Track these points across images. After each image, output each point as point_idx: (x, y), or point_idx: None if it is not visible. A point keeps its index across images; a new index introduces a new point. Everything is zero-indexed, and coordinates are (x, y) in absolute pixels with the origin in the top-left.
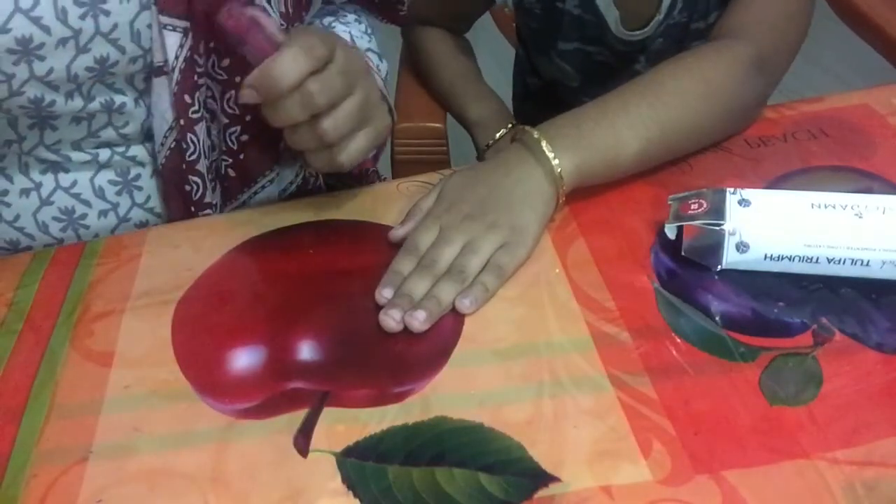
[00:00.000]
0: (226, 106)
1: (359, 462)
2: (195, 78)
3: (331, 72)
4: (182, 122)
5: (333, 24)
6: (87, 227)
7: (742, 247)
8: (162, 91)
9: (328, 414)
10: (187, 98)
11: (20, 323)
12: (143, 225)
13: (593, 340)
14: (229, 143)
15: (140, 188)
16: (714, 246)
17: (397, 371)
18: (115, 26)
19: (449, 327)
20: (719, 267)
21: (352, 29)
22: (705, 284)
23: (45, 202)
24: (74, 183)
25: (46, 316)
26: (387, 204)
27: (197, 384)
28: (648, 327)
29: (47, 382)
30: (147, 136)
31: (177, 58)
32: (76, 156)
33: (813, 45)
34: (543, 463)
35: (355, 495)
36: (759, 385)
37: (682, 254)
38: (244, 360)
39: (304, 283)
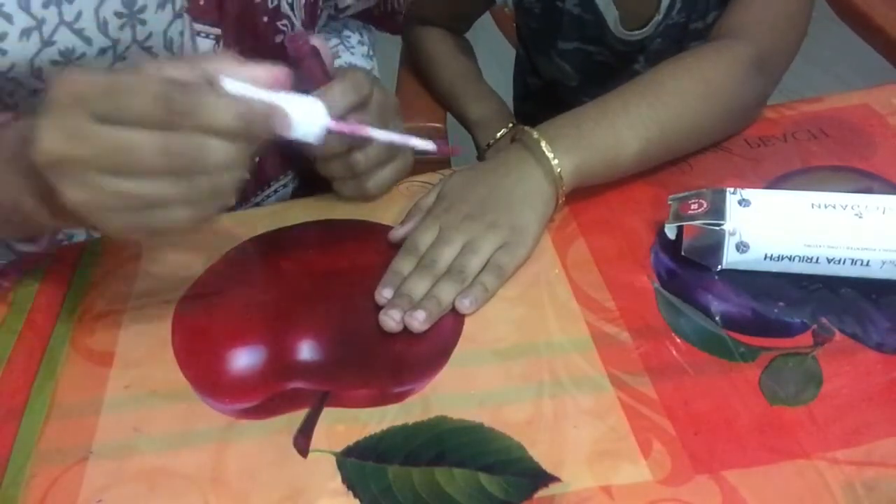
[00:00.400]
0: None
1: (359, 462)
2: None
3: (370, 108)
4: None
5: (340, 54)
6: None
7: (742, 247)
8: None
9: (328, 414)
10: None
11: (20, 323)
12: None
13: (593, 340)
14: None
15: None
16: (714, 246)
17: (397, 371)
18: (150, 35)
19: (449, 327)
20: (719, 267)
21: (355, 55)
22: (705, 284)
23: None
24: None
25: (46, 316)
26: (387, 204)
27: (197, 384)
28: (648, 327)
29: (47, 382)
30: None
31: None
32: None
33: (813, 45)
34: (543, 463)
35: (355, 495)
36: (759, 385)
37: (682, 254)
38: (244, 360)
39: (304, 283)
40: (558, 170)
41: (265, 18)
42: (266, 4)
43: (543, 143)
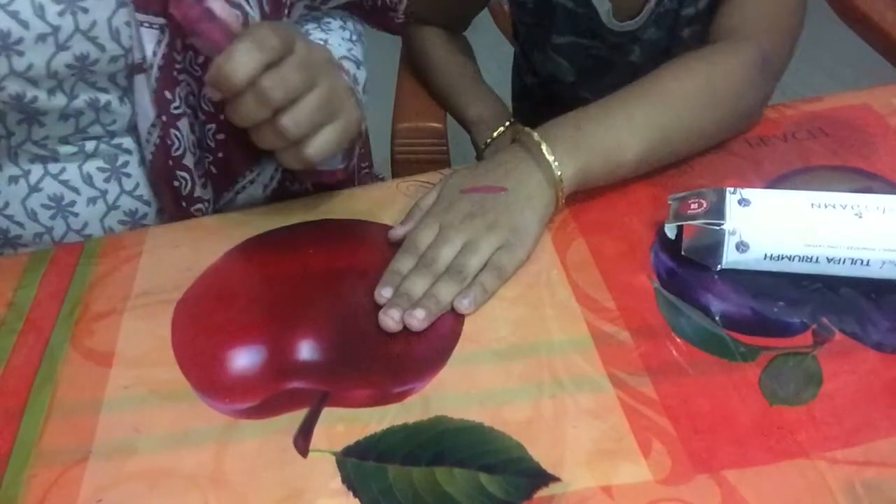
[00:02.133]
0: (202, 104)
1: (359, 462)
2: (174, 74)
3: (287, 66)
4: (164, 118)
5: (311, 32)
6: (76, 215)
7: (742, 246)
8: (143, 88)
9: (328, 414)
10: (167, 94)
11: (20, 323)
12: (132, 213)
13: (593, 340)
14: (208, 142)
15: (129, 175)
16: (714, 245)
17: (397, 371)
18: (94, 24)
19: (449, 327)
20: (719, 266)
21: (331, 36)
22: (705, 284)
23: (34, 189)
24: (63, 170)
25: (46, 316)
26: (386, 204)
27: (197, 384)
28: (648, 327)
29: (47, 382)
30: (135, 129)
31: (155, 55)
32: (64, 149)
33: (813, 45)
34: (543, 463)
35: (355, 495)
36: (759, 385)
37: (682, 253)
38: (244, 360)
39: (304, 283)
40: (559, 173)
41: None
42: None
43: (544, 146)
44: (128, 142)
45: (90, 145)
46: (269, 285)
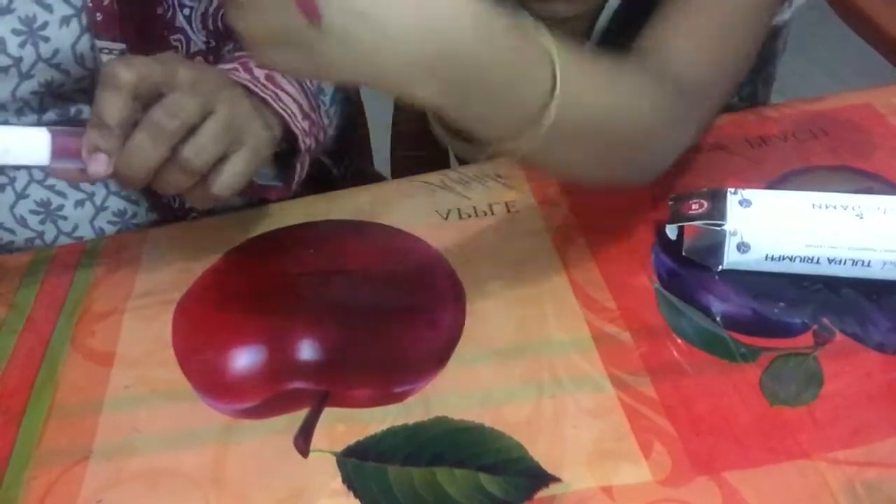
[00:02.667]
0: None
1: (359, 462)
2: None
3: (176, 94)
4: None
5: None
6: (65, 218)
7: (743, 247)
8: None
9: (328, 414)
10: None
11: (20, 323)
12: (122, 213)
13: (593, 340)
14: None
15: None
16: (715, 246)
17: (397, 371)
18: (57, 51)
19: (449, 327)
20: (720, 267)
21: None
22: (706, 284)
23: (21, 196)
24: (47, 176)
25: (47, 316)
26: (386, 204)
27: (197, 384)
28: (649, 327)
29: (47, 382)
30: None
31: None
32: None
33: (813, 44)
34: (543, 463)
35: (355, 495)
36: (760, 385)
37: (683, 254)
38: (244, 360)
39: (304, 283)
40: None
41: (165, 32)
42: (165, 17)
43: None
44: None
45: None
46: (269, 285)
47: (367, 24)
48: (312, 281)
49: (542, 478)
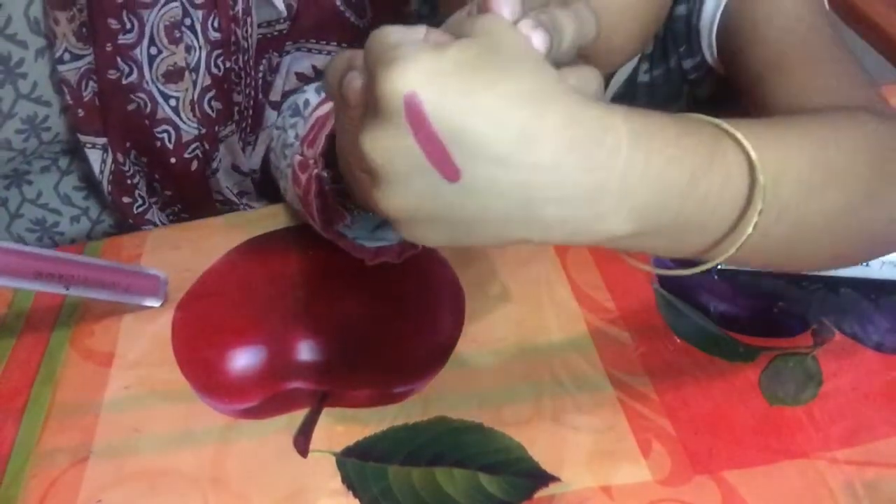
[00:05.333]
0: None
1: (359, 462)
2: (126, 181)
3: None
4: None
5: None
6: (62, 234)
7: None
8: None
9: (328, 414)
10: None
11: (20, 323)
12: (118, 225)
13: (593, 340)
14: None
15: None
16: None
17: (397, 371)
18: (35, 85)
19: (449, 327)
20: (719, 267)
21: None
22: (705, 284)
23: (16, 216)
24: (40, 194)
25: (46, 316)
26: None
27: (197, 384)
28: (648, 327)
29: (47, 382)
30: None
31: (102, 172)
32: (36, 163)
33: None
34: (543, 463)
35: (355, 495)
36: (759, 385)
37: None
38: (244, 360)
39: (304, 283)
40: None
41: (147, 122)
42: (143, 111)
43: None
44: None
45: (63, 161)
46: (269, 285)
47: (512, 171)
48: (312, 281)
49: (542, 477)
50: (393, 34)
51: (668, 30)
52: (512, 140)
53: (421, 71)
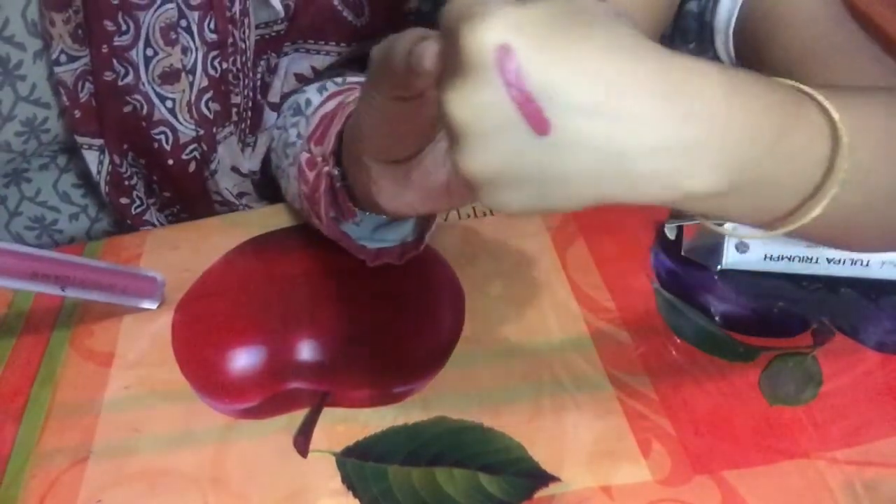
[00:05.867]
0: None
1: (359, 462)
2: (124, 182)
3: None
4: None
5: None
6: (60, 232)
7: (742, 247)
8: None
9: (328, 414)
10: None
11: (20, 323)
12: (117, 224)
13: (593, 340)
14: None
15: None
16: (714, 246)
17: (397, 371)
18: (34, 87)
19: (449, 327)
20: (719, 267)
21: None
22: (705, 284)
23: (14, 213)
24: (39, 191)
25: (46, 316)
26: None
27: (197, 384)
28: (648, 327)
29: (47, 382)
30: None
31: (99, 173)
32: (34, 161)
33: None
34: (543, 463)
35: (355, 495)
36: (759, 385)
37: (682, 254)
38: (244, 360)
39: (304, 283)
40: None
41: (144, 124)
42: (139, 113)
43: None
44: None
45: (61, 160)
46: (269, 285)
47: (605, 123)
48: (312, 281)
49: (542, 477)
50: None
51: (676, 26)
52: (607, 90)
53: (511, 23)
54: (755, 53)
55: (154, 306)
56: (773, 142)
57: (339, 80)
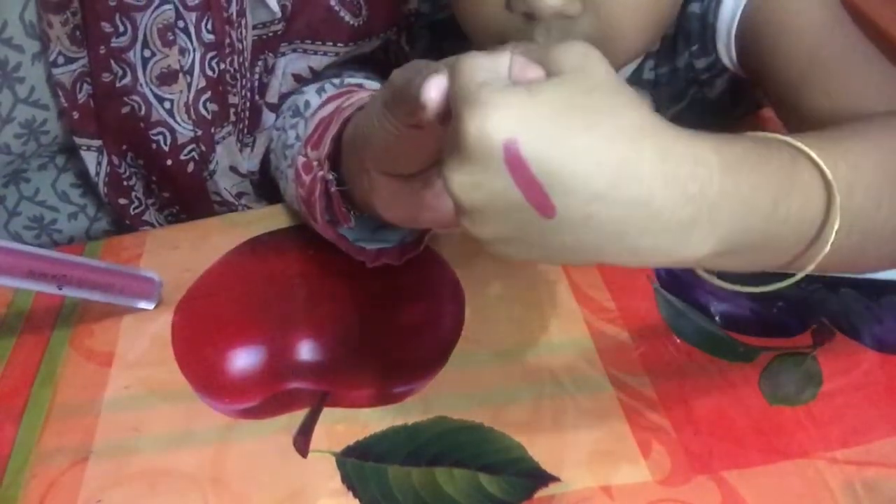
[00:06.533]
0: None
1: (359, 462)
2: (122, 183)
3: None
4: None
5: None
6: (60, 231)
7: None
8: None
9: (328, 414)
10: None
11: (20, 323)
12: (116, 223)
13: (593, 340)
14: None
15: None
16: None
17: (397, 371)
18: (33, 89)
19: (449, 327)
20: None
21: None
22: (705, 284)
23: (13, 213)
24: (37, 191)
25: (46, 316)
26: None
27: (197, 384)
28: (648, 327)
29: (47, 382)
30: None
31: (97, 174)
32: (33, 161)
33: None
34: (543, 463)
35: (355, 495)
36: (759, 385)
37: None
38: (244, 360)
39: (304, 282)
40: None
41: (142, 125)
42: (137, 113)
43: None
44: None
45: (60, 159)
46: (269, 285)
47: (608, 208)
48: (312, 281)
49: (542, 478)
50: (480, 71)
51: (679, 28)
52: (609, 178)
53: (518, 116)
54: (757, 57)
55: (151, 307)
56: (768, 212)
57: (337, 80)
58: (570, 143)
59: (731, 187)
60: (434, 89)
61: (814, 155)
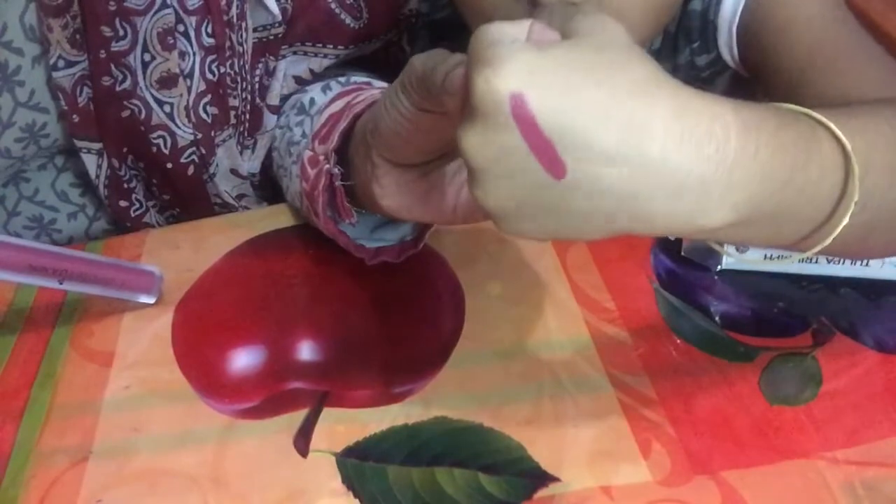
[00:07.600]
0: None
1: (359, 462)
2: (123, 186)
3: None
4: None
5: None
6: (59, 231)
7: (742, 247)
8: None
9: (328, 414)
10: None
11: (20, 322)
12: (116, 221)
13: (593, 340)
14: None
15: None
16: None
17: (397, 371)
18: (33, 92)
19: (449, 327)
20: (719, 267)
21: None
22: (705, 284)
23: (13, 213)
24: (37, 191)
25: (46, 316)
26: None
27: (197, 384)
28: (648, 327)
29: (47, 382)
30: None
31: (97, 177)
32: (32, 161)
33: None
34: (543, 463)
35: (355, 495)
36: (759, 385)
37: (682, 254)
38: (244, 360)
39: (304, 282)
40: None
41: (142, 128)
42: (137, 116)
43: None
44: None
45: (59, 160)
46: (269, 285)
47: (619, 166)
48: (312, 281)
49: (542, 478)
50: (492, 32)
51: (680, 25)
52: (619, 135)
53: (524, 71)
54: (759, 54)
55: (152, 301)
56: (786, 179)
57: (342, 79)
58: (578, 96)
59: (750, 149)
60: (459, 77)
61: (833, 126)
